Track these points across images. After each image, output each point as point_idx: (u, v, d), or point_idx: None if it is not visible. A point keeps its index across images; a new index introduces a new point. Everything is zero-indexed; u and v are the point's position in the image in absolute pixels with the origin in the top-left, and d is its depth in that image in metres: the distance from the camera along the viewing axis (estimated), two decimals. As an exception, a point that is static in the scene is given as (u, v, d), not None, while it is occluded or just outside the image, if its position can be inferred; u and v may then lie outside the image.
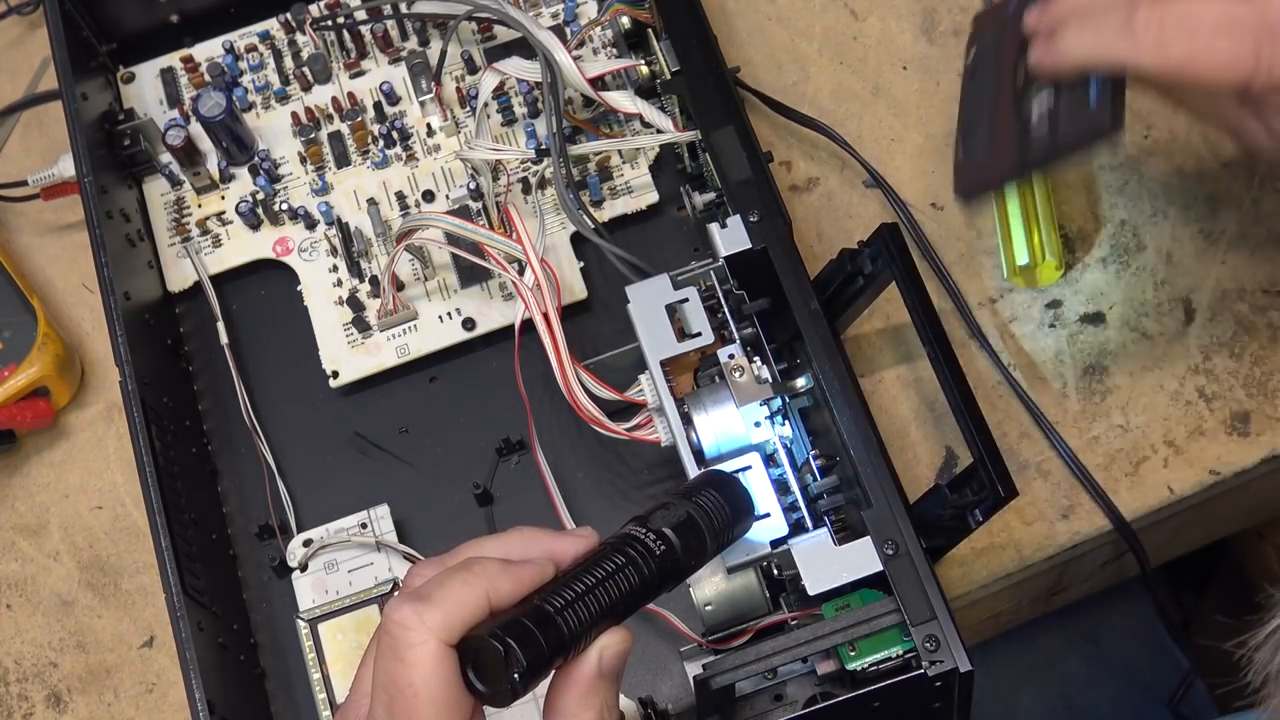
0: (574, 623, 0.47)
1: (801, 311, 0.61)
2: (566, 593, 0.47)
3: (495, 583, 0.47)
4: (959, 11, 0.80)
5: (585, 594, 0.47)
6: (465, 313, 0.72)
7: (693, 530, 0.51)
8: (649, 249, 0.72)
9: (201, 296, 0.75)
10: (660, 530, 0.50)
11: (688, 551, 0.51)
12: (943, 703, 0.57)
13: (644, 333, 0.62)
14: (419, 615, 0.45)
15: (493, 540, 0.50)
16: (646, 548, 0.49)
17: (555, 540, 0.50)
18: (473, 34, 0.78)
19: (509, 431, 0.70)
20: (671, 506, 0.52)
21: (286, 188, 0.76)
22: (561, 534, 0.51)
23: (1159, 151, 0.75)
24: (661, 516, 0.51)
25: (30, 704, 0.70)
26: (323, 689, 0.62)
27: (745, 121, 0.68)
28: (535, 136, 0.75)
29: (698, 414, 0.60)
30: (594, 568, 0.48)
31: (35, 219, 0.81)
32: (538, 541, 0.50)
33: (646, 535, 0.50)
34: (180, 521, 0.65)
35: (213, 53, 0.80)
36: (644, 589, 0.49)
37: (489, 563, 0.48)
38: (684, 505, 0.52)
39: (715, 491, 0.53)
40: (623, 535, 0.50)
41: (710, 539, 0.52)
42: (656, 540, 0.50)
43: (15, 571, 0.73)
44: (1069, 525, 0.68)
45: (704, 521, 0.52)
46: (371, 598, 0.63)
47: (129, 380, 0.66)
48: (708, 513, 0.52)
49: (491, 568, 0.47)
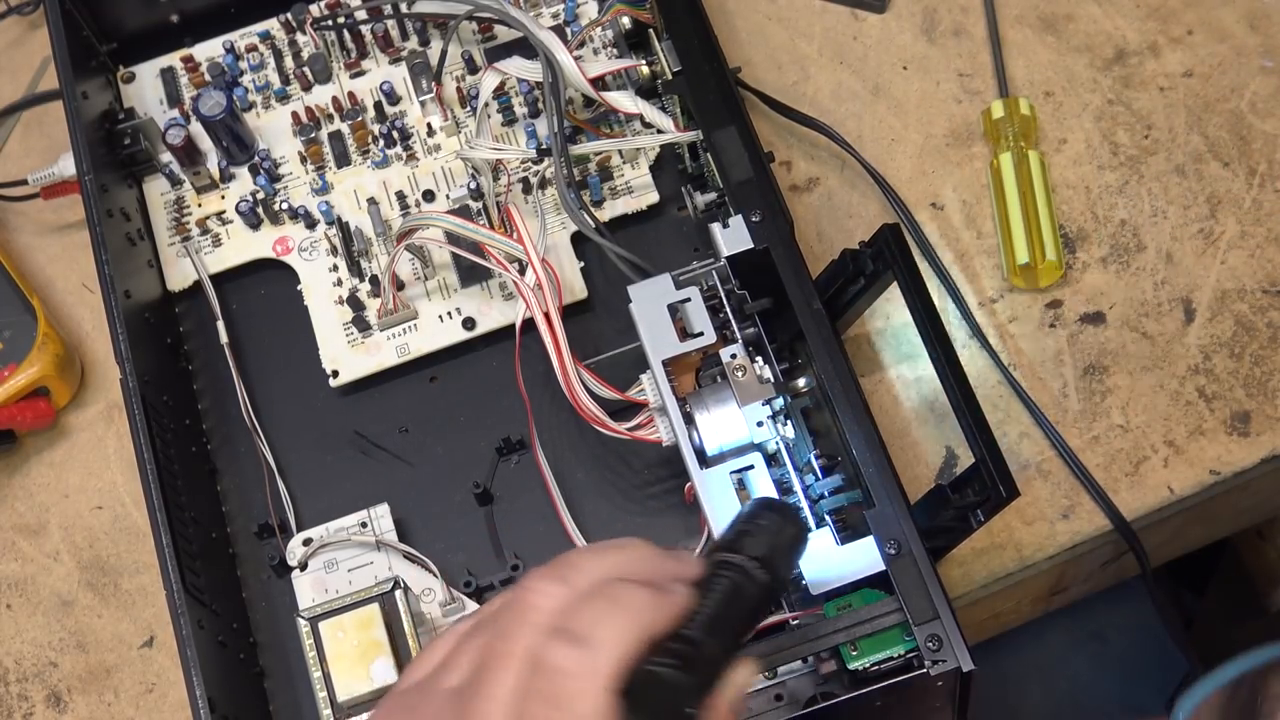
0: (719, 656, 0.45)
1: (803, 311, 0.61)
2: (703, 624, 0.45)
3: (653, 618, 0.44)
4: (959, 11, 0.80)
5: (719, 626, 0.46)
6: (465, 312, 0.72)
7: (783, 558, 0.50)
8: (650, 249, 0.72)
9: (201, 296, 0.74)
10: (762, 558, 0.48)
11: (781, 580, 0.50)
12: (944, 702, 0.57)
13: (646, 332, 0.62)
14: (585, 663, 0.42)
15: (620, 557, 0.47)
16: (751, 577, 0.48)
17: (677, 565, 0.47)
18: (473, 34, 0.78)
19: (509, 431, 0.70)
20: (756, 534, 0.50)
21: (286, 187, 0.76)
22: (673, 556, 0.48)
23: (1159, 151, 0.75)
24: (754, 544, 0.49)
25: (30, 704, 0.70)
26: (323, 687, 0.62)
27: (747, 121, 0.68)
28: (536, 136, 0.75)
29: (700, 414, 0.60)
30: (716, 598, 0.46)
31: (35, 218, 0.81)
32: (664, 565, 0.47)
33: (748, 564, 0.48)
34: (180, 519, 0.65)
35: (213, 52, 0.80)
36: (753, 619, 0.48)
37: (640, 592, 0.44)
38: (763, 535, 0.50)
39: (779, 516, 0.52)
40: (724, 562, 0.48)
41: (793, 565, 0.51)
42: (760, 569, 0.48)
43: (15, 571, 0.73)
44: (1069, 525, 0.68)
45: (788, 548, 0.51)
46: (371, 596, 0.63)
47: (129, 378, 0.66)
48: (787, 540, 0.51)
49: (646, 600, 0.44)
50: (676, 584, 0.46)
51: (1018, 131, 0.74)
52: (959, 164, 0.76)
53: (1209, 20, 0.78)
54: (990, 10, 0.79)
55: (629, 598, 0.44)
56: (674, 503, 0.68)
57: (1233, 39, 0.78)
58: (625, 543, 0.48)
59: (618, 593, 0.44)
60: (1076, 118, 0.77)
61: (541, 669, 0.42)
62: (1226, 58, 0.77)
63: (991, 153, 0.75)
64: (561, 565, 0.46)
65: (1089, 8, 0.79)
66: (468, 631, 0.47)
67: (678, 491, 0.67)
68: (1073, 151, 0.76)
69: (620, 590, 0.44)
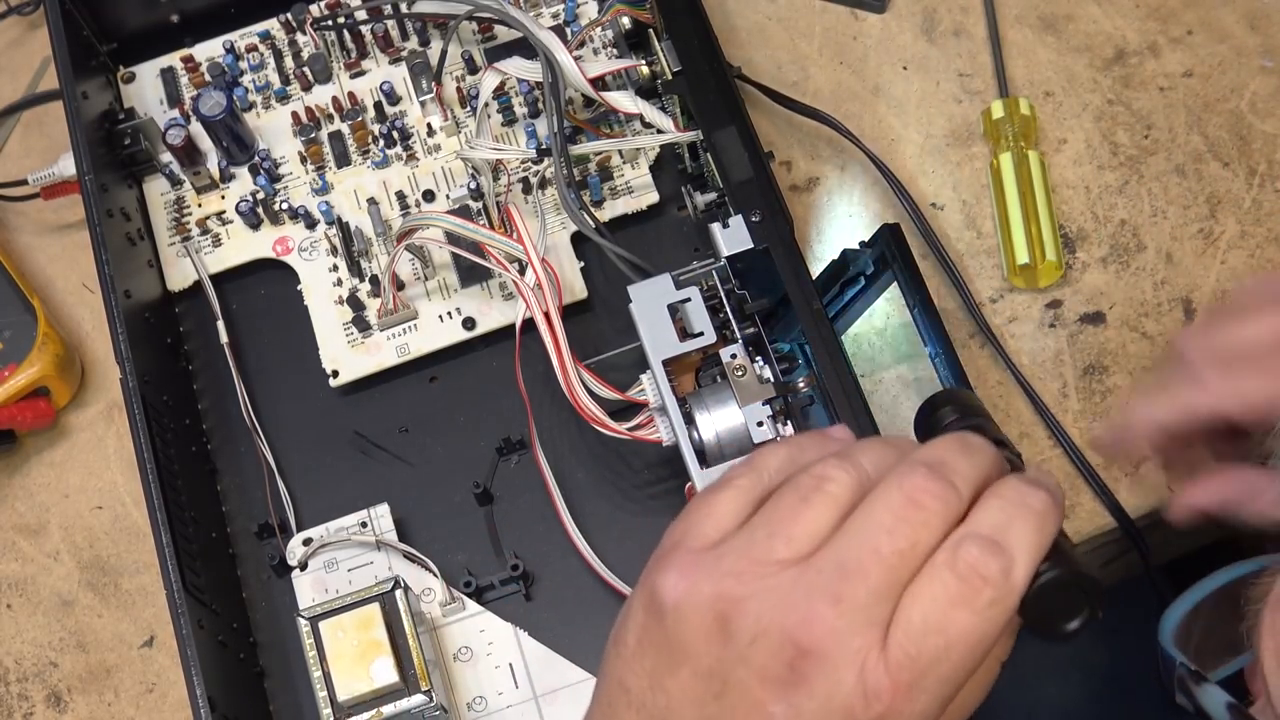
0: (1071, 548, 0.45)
1: (803, 311, 0.61)
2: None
3: (1054, 526, 0.43)
4: (959, 11, 0.80)
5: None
6: (465, 312, 0.72)
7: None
8: (649, 249, 0.72)
9: (201, 296, 0.74)
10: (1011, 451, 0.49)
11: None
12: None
13: (646, 332, 0.62)
14: (1007, 572, 0.41)
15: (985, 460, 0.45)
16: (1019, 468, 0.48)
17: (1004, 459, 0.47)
18: (473, 34, 0.78)
19: (509, 431, 0.70)
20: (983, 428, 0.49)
21: (287, 187, 0.76)
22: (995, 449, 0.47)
23: (1159, 151, 0.75)
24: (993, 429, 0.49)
25: (30, 704, 0.70)
26: (323, 687, 0.61)
27: (747, 121, 0.68)
28: (536, 136, 0.75)
29: (700, 413, 0.60)
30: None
31: (35, 219, 0.81)
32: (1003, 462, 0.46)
33: (1013, 455, 0.48)
34: (180, 519, 0.65)
35: (213, 52, 0.80)
36: None
37: (1045, 499, 0.43)
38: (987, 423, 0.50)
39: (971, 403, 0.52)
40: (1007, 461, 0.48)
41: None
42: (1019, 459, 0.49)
43: (15, 571, 0.73)
44: (1069, 525, 0.68)
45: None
46: (371, 596, 0.63)
47: (129, 378, 0.66)
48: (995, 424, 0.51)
49: (1051, 508, 0.43)
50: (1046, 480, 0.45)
51: (1018, 131, 0.74)
52: (959, 164, 0.76)
53: (1209, 20, 0.78)
54: (990, 10, 0.79)
55: (1037, 503, 0.43)
56: (674, 503, 0.68)
57: (1233, 39, 0.78)
58: (971, 441, 0.46)
59: (1025, 499, 0.43)
60: (1076, 118, 0.77)
61: (959, 572, 0.42)
62: (1226, 58, 0.77)
63: (991, 153, 0.75)
64: (937, 466, 0.44)
65: (1089, 8, 0.79)
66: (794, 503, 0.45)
67: (678, 491, 0.67)
68: (1073, 151, 0.76)
69: (1026, 495, 0.43)
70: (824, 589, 0.42)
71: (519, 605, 0.68)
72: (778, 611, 0.43)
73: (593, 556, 0.67)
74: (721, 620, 0.43)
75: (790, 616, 0.42)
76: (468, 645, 0.66)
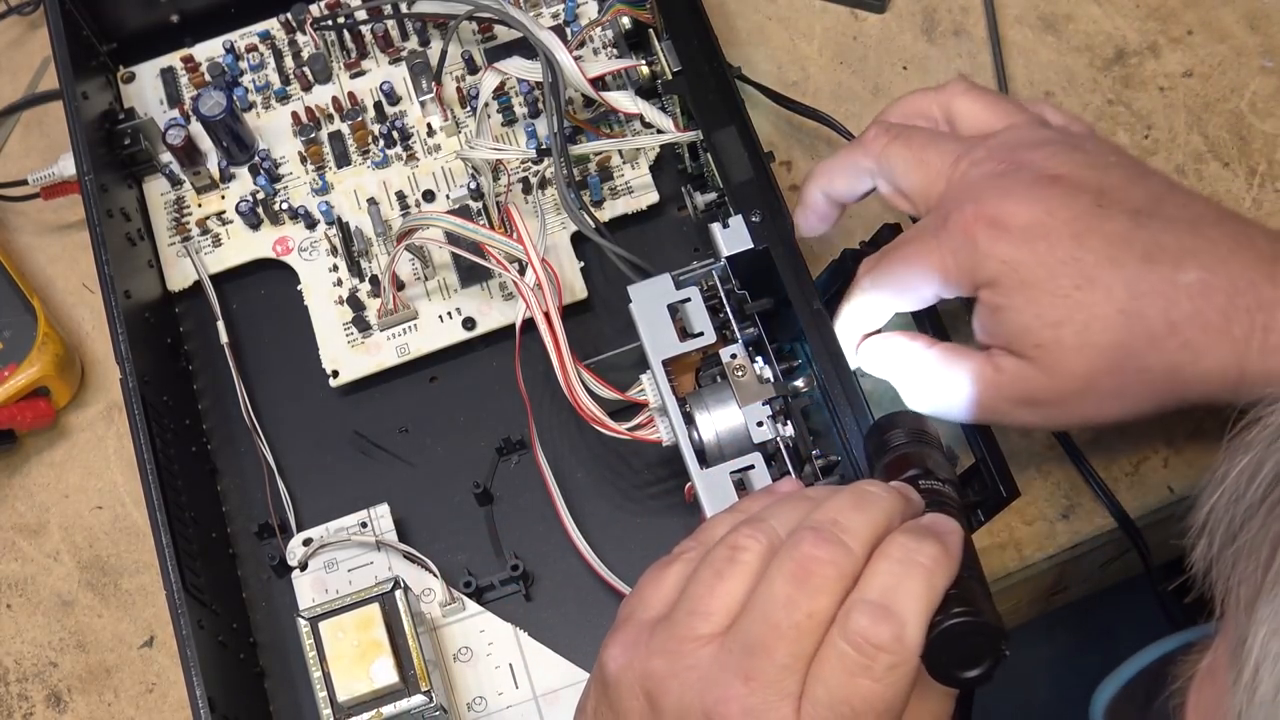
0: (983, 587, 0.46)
1: (804, 311, 0.61)
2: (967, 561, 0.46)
3: (946, 575, 0.45)
4: (959, 11, 0.80)
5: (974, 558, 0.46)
6: (465, 312, 0.72)
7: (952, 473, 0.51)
8: (649, 249, 0.72)
9: (201, 296, 0.74)
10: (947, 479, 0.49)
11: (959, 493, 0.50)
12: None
13: (646, 332, 0.62)
14: (898, 637, 0.43)
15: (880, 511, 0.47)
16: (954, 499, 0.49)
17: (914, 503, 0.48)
18: (473, 34, 0.78)
19: (509, 431, 0.70)
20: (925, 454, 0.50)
21: (286, 187, 0.76)
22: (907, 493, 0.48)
23: (1159, 151, 0.75)
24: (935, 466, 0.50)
25: (30, 704, 0.70)
26: (323, 687, 0.61)
27: (747, 121, 0.68)
28: (536, 136, 0.75)
29: (700, 413, 0.60)
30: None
31: (35, 219, 0.81)
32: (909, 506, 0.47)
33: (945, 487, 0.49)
34: (180, 519, 0.65)
35: (213, 52, 0.80)
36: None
37: (931, 550, 0.45)
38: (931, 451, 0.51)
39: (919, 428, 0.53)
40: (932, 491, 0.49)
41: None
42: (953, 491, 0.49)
43: (15, 571, 0.73)
44: (1069, 525, 0.68)
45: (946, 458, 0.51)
46: (371, 596, 0.63)
47: (129, 378, 0.66)
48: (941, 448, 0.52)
49: (938, 558, 0.45)
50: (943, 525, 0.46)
51: (1018, 131, 0.74)
52: (959, 164, 0.76)
53: (1209, 20, 0.78)
54: (990, 10, 0.79)
55: (925, 558, 0.44)
56: (674, 503, 0.68)
57: (1233, 39, 0.78)
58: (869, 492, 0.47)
59: (912, 556, 0.44)
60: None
61: (851, 643, 0.43)
62: (1226, 58, 0.77)
63: (991, 153, 0.75)
64: (830, 526, 0.45)
65: (1089, 8, 0.79)
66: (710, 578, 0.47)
67: (678, 491, 0.66)
68: (1073, 151, 0.76)
69: (913, 553, 0.44)
70: (736, 667, 0.44)
71: (519, 605, 0.68)
72: (697, 691, 0.45)
73: (593, 556, 0.67)
74: (650, 698, 0.46)
75: (708, 696, 0.45)
76: (468, 645, 0.66)
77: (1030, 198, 0.56)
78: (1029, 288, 0.55)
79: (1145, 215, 0.55)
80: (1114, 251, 0.54)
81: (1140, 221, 0.55)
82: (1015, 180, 0.57)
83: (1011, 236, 0.55)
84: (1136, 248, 0.54)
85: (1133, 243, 0.54)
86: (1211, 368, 0.53)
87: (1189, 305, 0.53)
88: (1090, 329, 0.54)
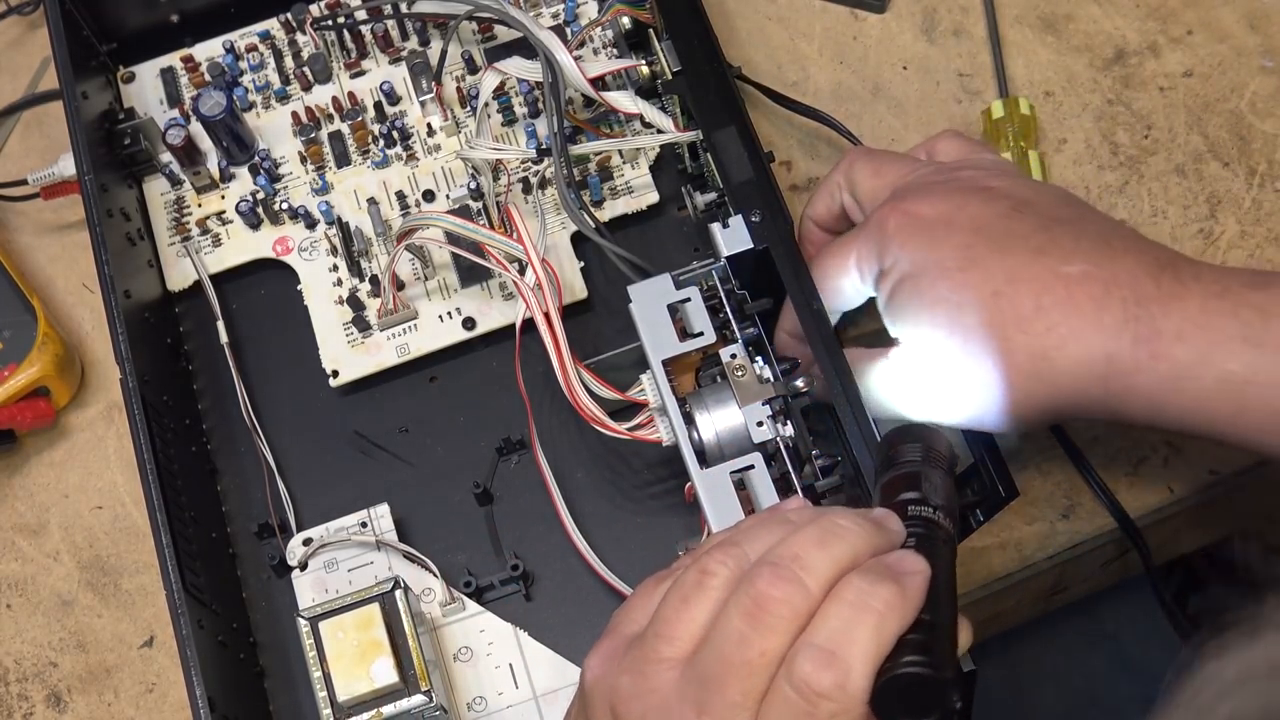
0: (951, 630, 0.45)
1: (803, 311, 0.61)
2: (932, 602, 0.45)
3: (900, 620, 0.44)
4: (959, 11, 0.80)
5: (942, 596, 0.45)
6: (465, 312, 0.72)
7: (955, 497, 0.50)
8: (649, 249, 0.72)
9: (201, 296, 0.74)
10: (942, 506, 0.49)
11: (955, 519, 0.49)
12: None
13: (646, 332, 0.62)
14: (841, 685, 0.43)
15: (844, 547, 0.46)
16: (942, 529, 0.48)
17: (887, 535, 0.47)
18: (473, 34, 0.78)
19: (509, 431, 0.70)
20: (926, 476, 0.49)
21: (286, 187, 0.76)
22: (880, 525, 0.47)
23: (1159, 151, 0.75)
24: (931, 489, 0.49)
25: (30, 704, 0.70)
26: (323, 687, 0.61)
27: (747, 121, 0.68)
28: (536, 136, 0.75)
29: (700, 413, 0.60)
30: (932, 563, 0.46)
31: (35, 219, 0.81)
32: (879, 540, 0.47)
33: (936, 514, 0.48)
34: (180, 519, 0.65)
35: (213, 52, 0.80)
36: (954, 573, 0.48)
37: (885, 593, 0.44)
38: (935, 472, 0.50)
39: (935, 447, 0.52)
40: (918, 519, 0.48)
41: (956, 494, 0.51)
42: (946, 519, 0.48)
43: (15, 571, 0.73)
44: (1069, 525, 0.68)
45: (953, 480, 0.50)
46: (371, 596, 0.63)
47: (129, 378, 0.66)
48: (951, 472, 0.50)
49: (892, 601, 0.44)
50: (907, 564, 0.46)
51: (1018, 131, 0.74)
52: (959, 164, 0.76)
53: (1209, 20, 0.78)
54: (990, 10, 0.79)
55: (878, 602, 0.44)
56: (674, 503, 0.68)
57: (1233, 39, 0.78)
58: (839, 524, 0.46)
59: (865, 599, 0.44)
60: (1076, 118, 0.77)
61: (795, 687, 0.43)
62: (1226, 58, 0.77)
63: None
64: (790, 562, 0.45)
65: (1089, 8, 0.79)
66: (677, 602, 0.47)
67: (678, 491, 0.67)
68: (1073, 151, 0.76)
69: (867, 596, 0.44)
70: (693, 698, 0.45)
71: (519, 605, 0.68)
72: (656, 715, 0.45)
73: (593, 556, 0.67)
74: (615, 714, 0.47)
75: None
76: (468, 645, 0.66)
77: (948, 197, 0.57)
78: (919, 273, 0.56)
79: (1058, 221, 0.56)
80: (1007, 243, 0.55)
81: (1048, 225, 0.56)
82: (944, 186, 0.58)
83: (917, 225, 0.57)
84: (1031, 243, 0.55)
85: (1029, 239, 0.55)
86: (1079, 355, 0.53)
87: (1063, 291, 0.53)
88: (964, 309, 0.55)
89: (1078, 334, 0.53)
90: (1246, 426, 0.52)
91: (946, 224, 0.56)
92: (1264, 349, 0.50)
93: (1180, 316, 0.52)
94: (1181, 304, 0.52)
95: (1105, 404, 0.54)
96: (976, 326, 0.54)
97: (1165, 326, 0.52)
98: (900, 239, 0.57)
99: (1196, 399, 0.52)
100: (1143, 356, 0.52)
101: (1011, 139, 0.74)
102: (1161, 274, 0.53)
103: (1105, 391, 0.53)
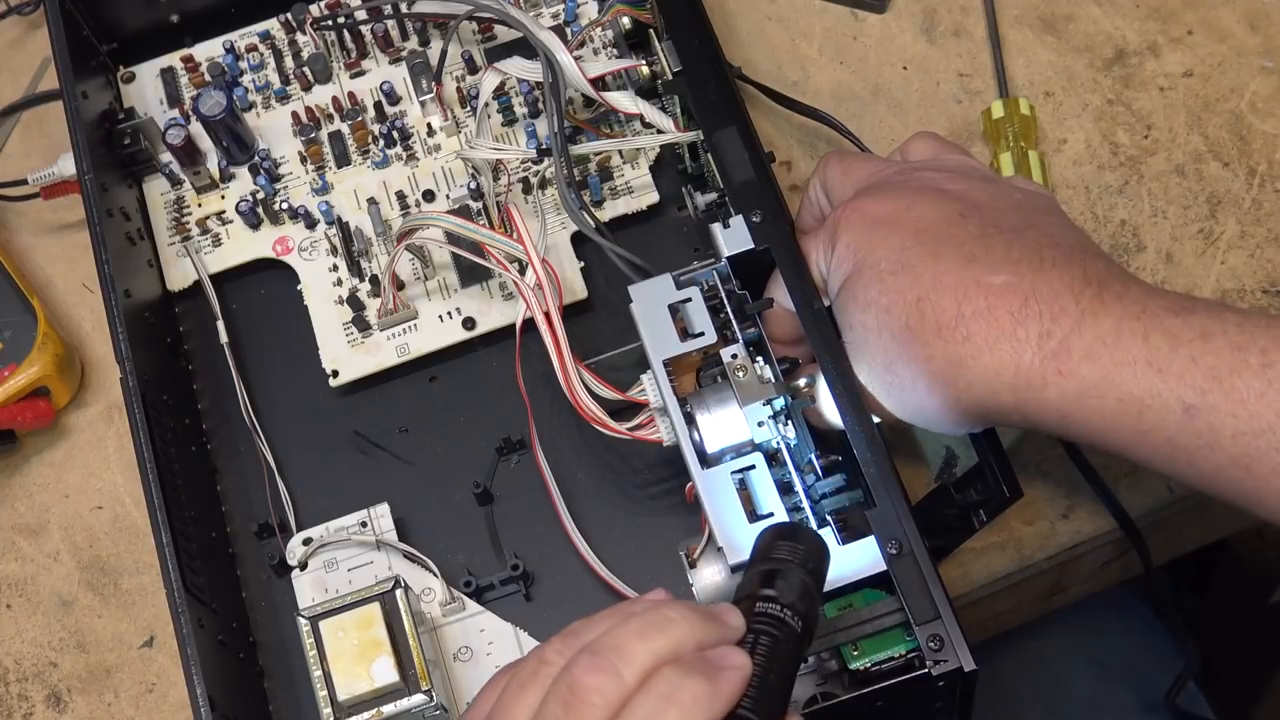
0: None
1: (803, 311, 0.61)
2: (754, 700, 0.46)
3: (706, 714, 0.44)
4: (959, 11, 0.80)
5: (770, 695, 0.46)
6: (465, 312, 0.72)
7: (816, 598, 0.50)
8: (650, 249, 0.72)
9: (201, 296, 0.74)
10: (793, 605, 0.49)
11: (815, 624, 0.50)
12: (945, 702, 0.57)
13: (647, 332, 0.62)
14: None
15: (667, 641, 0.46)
16: (790, 628, 0.48)
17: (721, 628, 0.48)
18: (473, 34, 0.78)
19: (509, 431, 0.70)
20: (785, 574, 0.50)
21: (286, 187, 0.76)
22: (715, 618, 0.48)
23: (1159, 151, 0.75)
24: (785, 587, 0.49)
25: (30, 704, 0.70)
26: (323, 687, 0.61)
27: (747, 121, 0.68)
28: (536, 136, 0.75)
29: (701, 414, 0.60)
30: (762, 663, 0.47)
31: (35, 218, 0.81)
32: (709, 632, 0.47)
33: (785, 614, 0.49)
34: (180, 519, 0.65)
35: (213, 52, 0.80)
36: (794, 672, 0.48)
37: (695, 687, 0.45)
38: (795, 571, 0.50)
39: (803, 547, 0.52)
40: (762, 615, 0.49)
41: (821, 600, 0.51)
42: (794, 618, 0.49)
43: (15, 571, 0.73)
44: (1069, 525, 0.68)
45: (818, 587, 0.51)
46: (371, 596, 0.63)
47: (129, 378, 0.66)
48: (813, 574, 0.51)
49: (702, 695, 0.45)
50: (728, 660, 0.46)
51: (1018, 131, 0.74)
52: (959, 164, 0.76)
53: (1209, 20, 0.78)
54: (990, 10, 0.79)
55: (685, 695, 0.44)
56: (674, 503, 0.68)
57: (1233, 39, 0.78)
58: (667, 617, 0.47)
59: (674, 692, 0.44)
60: (1076, 118, 0.77)
61: None
62: (1226, 58, 0.77)
63: (992, 153, 0.75)
64: (610, 652, 0.46)
65: (1089, 8, 0.79)
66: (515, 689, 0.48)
67: (678, 491, 0.67)
68: (1073, 152, 0.76)
69: (676, 689, 0.45)
70: None
71: (519, 605, 0.68)
72: None
73: (593, 556, 0.67)
74: None
75: None
76: (468, 645, 0.66)
77: (899, 197, 0.58)
78: (857, 272, 0.57)
79: (1000, 230, 0.56)
80: (942, 248, 0.56)
81: (989, 233, 0.56)
82: (900, 186, 0.59)
83: (864, 223, 0.58)
84: (965, 249, 0.55)
85: (964, 245, 0.56)
86: (991, 365, 0.54)
87: (983, 301, 0.54)
88: (890, 313, 0.56)
89: (992, 345, 0.54)
90: (1149, 450, 0.52)
91: (890, 224, 0.57)
92: (1165, 375, 0.51)
93: (1093, 335, 0.52)
94: (1096, 322, 0.52)
95: (1020, 413, 0.54)
96: (901, 330, 0.55)
97: (1076, 344, 0.52)
98: (846, 237, 0.58)
99: (1102, 417, 0.52)
100: (1050, 372, 0.53)
101: (1011, 139, 0.74)
102: (1085, 290, 0.53)
103: (1017, 401, 0.54)
